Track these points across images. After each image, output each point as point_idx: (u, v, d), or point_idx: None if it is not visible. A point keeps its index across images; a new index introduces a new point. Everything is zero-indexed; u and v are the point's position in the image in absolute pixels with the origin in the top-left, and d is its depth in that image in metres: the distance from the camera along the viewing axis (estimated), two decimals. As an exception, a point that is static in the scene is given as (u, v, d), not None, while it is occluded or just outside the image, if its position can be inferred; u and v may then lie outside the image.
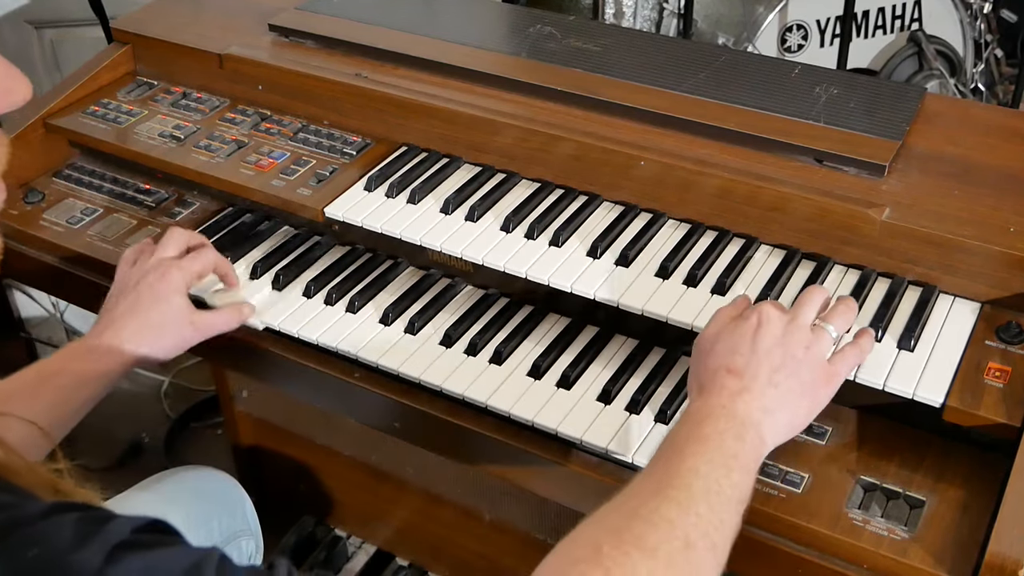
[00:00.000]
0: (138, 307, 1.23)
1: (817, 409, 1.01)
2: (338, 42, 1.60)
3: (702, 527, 0.85)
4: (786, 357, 0.98)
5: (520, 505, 1.71)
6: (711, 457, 0.91)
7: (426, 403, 1.21)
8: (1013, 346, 1.11)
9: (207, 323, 1.27)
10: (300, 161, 1.46)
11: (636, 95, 1.40)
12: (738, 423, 0.94)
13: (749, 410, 0.95)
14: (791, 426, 0.99)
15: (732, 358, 0.99)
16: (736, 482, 0.90)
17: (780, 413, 0.97)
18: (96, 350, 1.20)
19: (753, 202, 1.26)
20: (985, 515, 1.00)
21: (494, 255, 1.28)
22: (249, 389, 1.98)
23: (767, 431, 0.96)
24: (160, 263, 1.26)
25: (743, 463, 0.92)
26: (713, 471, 0.89)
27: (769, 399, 0.96)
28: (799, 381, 0.98)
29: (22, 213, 1.52)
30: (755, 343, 0.99)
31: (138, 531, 0.73)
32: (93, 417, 1.22)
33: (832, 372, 1.02)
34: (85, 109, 1.62)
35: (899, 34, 2.63)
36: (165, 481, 1.46)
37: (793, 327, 1.01)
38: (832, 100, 1.37)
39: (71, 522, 0.71)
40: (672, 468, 0.90)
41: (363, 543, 2.03)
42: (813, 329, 1.02)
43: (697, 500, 0.87)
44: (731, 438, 0.93)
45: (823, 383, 1.01)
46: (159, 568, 0.72)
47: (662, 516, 0.84)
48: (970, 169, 1.26)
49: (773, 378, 0.97)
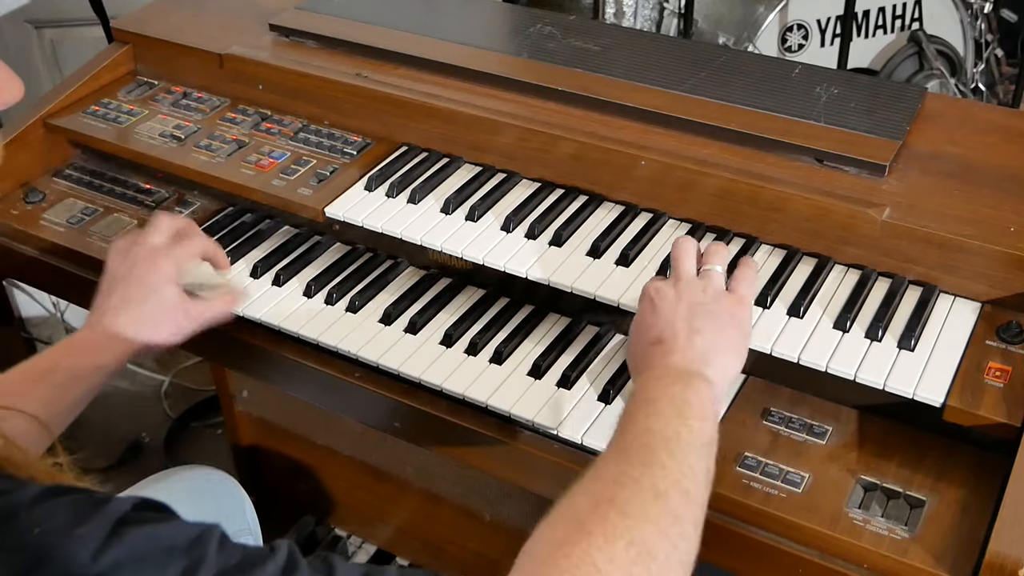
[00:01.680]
0: (130, 299, 1.21)
1: (746, 332, 1.07)
2: (338, 42, 1.60)
3: (669, 476, 0.88)
4: (692, 306, 1.05)
5: (520, 505, 1.71)
6: (664, 413, 0.94)
7: (426, 403, 1.21)
8: (1013, 346, 1.11)
9: (200, 311, 1.25)
10: (300, 161, 1.46)
11: (636, 95, 1.40)
12: (681, 376, 0.98)
13: (687, 361, 1.00)
14: (733, 358, 1.05)
15: (648, 333, 1.05)
16: (694, 428, 0.93)
17: (715, 353, 1.02)
18: (91, 344, 1.20)
19: (753, 202, 1.26)
20: (985, 515, 1.00)
21: (494, 255, 1.28)
22: (249, 389, 1.98)
23: (712, 372, 1.00)
24: (149, 253, 1.24)
25: (696, 410, 0.95)
26: (668, 424, 0.92)
27: (700, 345, 1.01)
28: (715, 317, 1.04)
29: (22, 213, 1.53)
30: (660, 311, 1.05)
31: (138, 508, 0.74)
32: (93, 417, 1.22)
33: (739, 296, 1.08)
34: (85, 109, 1.62)
35: (899, 34, 2.63)
36: (164, 481, 1.46)
37: (683, 283, 1.08)
38: (832, 100, 1.37)
39: (69, 503, 0.72)
40: (628, 435, 0.93)
41: (363, 543, 2.03)
42: (700, 274, 1.09)
43: (658, 453, 0.89)
44: (678, 391, 0.96)
45: (737, 308, 1.07)
46: (162, 541, 0.72)
47: (627, 475, 0.87)
48: (970, 169, 1.26)
49: (692, 325, 1.03)
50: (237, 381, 1.98)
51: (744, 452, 1.09)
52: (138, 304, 1.21)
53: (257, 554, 0.75)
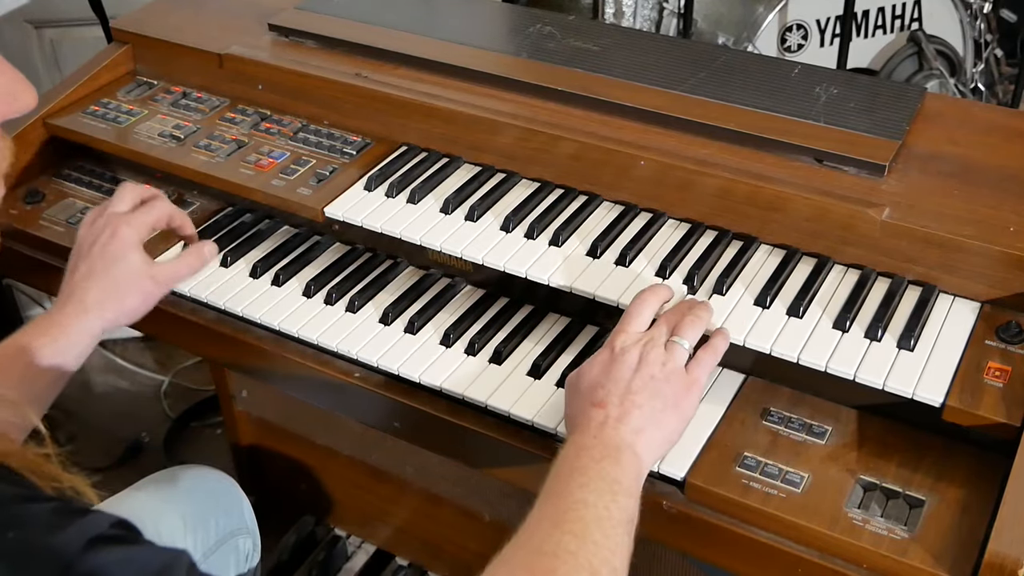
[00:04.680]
0: (94, 270, 1.20)
1: (686, 417, 1.05)
2: (338, 42, 1.60)
3: (601, 554, 0.90)
4: (644, 378, 1.03)
5: (520, 505, 1.69)
6: (595, 487, 0.95)
7: (426, 403, 1.21)
8: (1013, 346, 1.11)
9: (168, 274, 1.25)
10: (300, 161, 1.46)
11: (636, 95, 1.40)
12: (613, 449, 0.98)
13: (619, 435, 1.00)
14: (663, 440, 1.04)
15: (594, 393, 1.04)
16: (623, 505, 0.95)
17: (650, 431, 1.01)
18: (61, 321, 1.19)
19: (753, 202, 1.26)
20: (985, 515, 1.00)
21: (494, 255, 1.28)
22: (249, 389, 1.98)
23: (642, 449, 1.00)
24: (110, 220, 1.23)
25: (625, 486, 0.96)
26: (600, 499, 0.94)
27: (635, 420, 1.01)
28: (661, 397, 1.03)
29: (22, 213, 1.53)
30: (613, 374, 1.04)
31: (115, 526, 0.74)
32: (93, 417, 1.22)
33: (692, 380, 1.06)
34: (85, 109, 1.62)
35: (899, 34, 2.63)
36: (163, 481, 1.46)
37: (648, 348, 1.05)
38: (832, 100, 1.37)
39: (48, 510, 0.72)
40: (563, 503, 0.94)
41: (363, 543, 2.03)
42: (667, 346, 1.06)
43: (591, 529, 0.91)
44: (609, 464, 0.97)
45: (683, 394, 1.05)
46: (134, 563, 0.73)
47: (564, 549, 0.89)
48: (970, 169, 1.26)
49: (636, 400, 1.02)
50: (237, 381, 1.98)
51: (744, 452, 1.09)
52: (103, 275, 1.20)
53: None
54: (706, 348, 1.10)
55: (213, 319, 1.35)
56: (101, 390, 2.54)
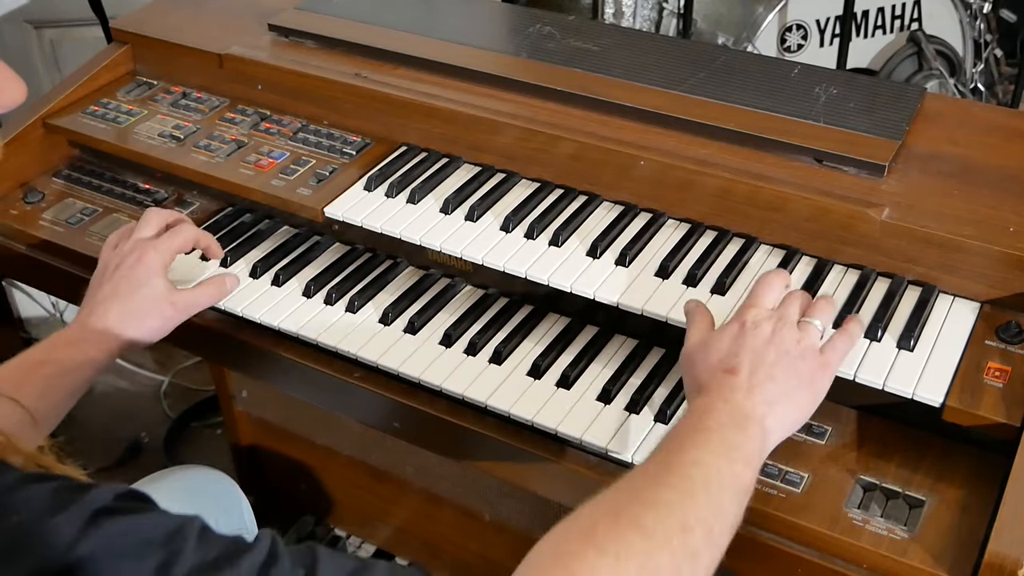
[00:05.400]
0: (118, 293, 1.22)
1: (817, 399, 1.03)
2: (338, 42, 1.60)
3: (700, 513, 0.86)
4: (780, 353, 1.01)
5: (520, 505, 1.71)
6: (713, 448, 0.92)
7: (426, 403, 1.21)
8: (1013, 346, 1.11)
9: (188, 301, 1.27)
10: (300, 161, 1.46)
11: (636, 95, 1.40)
12: (740, 416, 0.96)
13: (751, 404, 0.97)
14: (794, 418, 1.01)
15: (728, 359, 1.01)
16: (737, 473, 0.91)
17: (782, 406, 0.99)
18: (80, 339, 1.20)
19: (753, 202, 1.26)
20: (985, 515, 1.00)
21: (494, 255, 1.28)
22: (249, 389, 1.98)
23: (771, 423, 0.97)
24: (137, 246, 1.25)
25: (745, 455, 0.93)
26: (715, 461, 0.91)
27: (769, 392, 0.98)
28: (796, 373, 1.00)
29: (22, 213, 1.53)
30: (748, 343, 1.01)
31: (120, 498, 0.74)
32: (93, 417, 1.22)
33: (826, 361, 1.04)
34: (85, 109, 1.62)
35: (899, 34, 2.63)
36: (161, 481, 1.46)
37: (781, 325, 1.03)
38: (832, 100, 1.37)
39: (48, 491, 0.72)
40: (673, 458, 0.91)
41: (363, 543, 2.03)
42: (800, 325, 1.05)
43: (697, 488, 0.88)
44: (733, 430, 0.94)
45: (819, 373, 1.03)
46: (140, 532, 0.72)
47: (660, 499, 0.86)
48: (970, 169, 1.26)
49: (771, 372, 0.99)
50: (237, 381, 1.98)
51: (743, 452, 1.09)
52: (126, 298, 1.22)
53: (237, 547, 0.75)
54: (841, 333, 1.08)
55: (213, 319, 1.35)
56: (101, 390, 2.54)
